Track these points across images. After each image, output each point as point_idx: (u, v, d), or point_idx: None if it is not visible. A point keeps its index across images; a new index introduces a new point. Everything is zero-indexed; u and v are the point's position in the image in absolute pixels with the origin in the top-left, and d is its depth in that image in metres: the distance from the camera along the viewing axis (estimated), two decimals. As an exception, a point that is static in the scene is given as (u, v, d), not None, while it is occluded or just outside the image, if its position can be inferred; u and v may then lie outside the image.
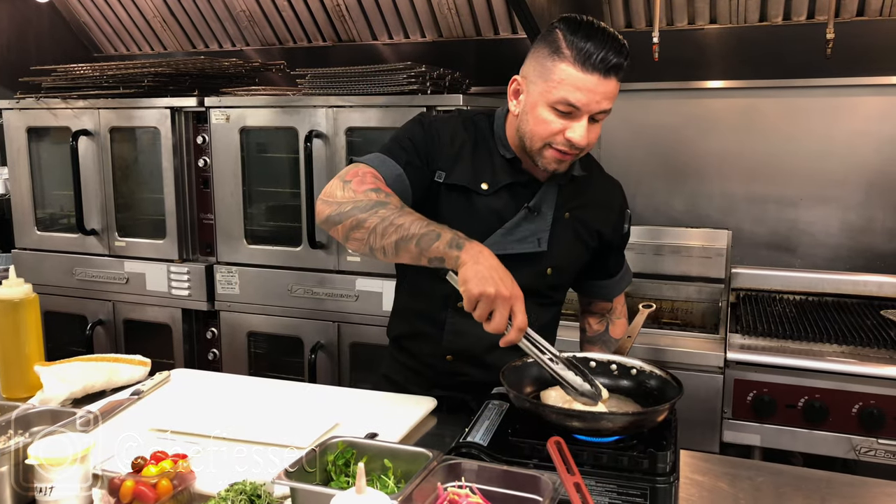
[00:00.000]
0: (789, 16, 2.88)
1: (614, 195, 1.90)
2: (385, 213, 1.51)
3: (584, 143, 1.58)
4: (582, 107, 1.55)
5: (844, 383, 2.26)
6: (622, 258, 1.99)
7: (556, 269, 1.79)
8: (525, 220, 1.71)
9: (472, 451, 1.31)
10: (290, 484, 1.18)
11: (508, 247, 1.69)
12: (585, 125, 1.57)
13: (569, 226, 1.78)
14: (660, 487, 1.22)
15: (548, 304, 1.85)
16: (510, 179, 1.73)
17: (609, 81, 1.55)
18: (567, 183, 1.77)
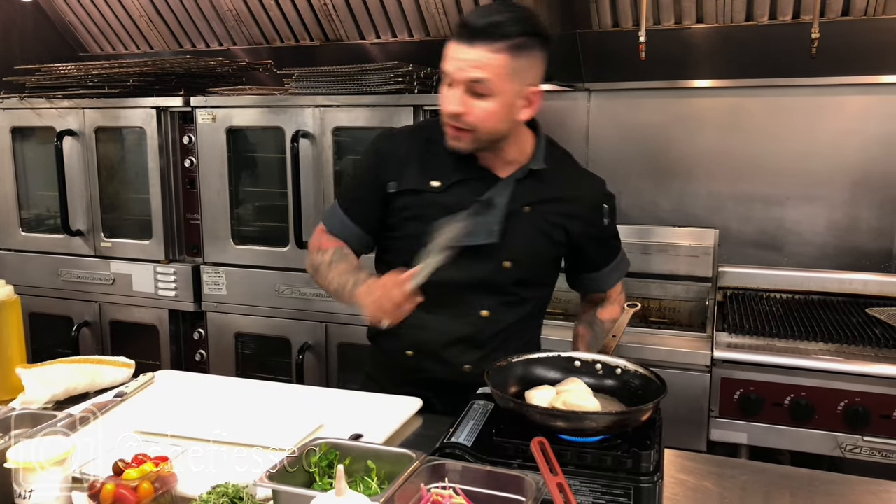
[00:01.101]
0: (775, 15, 2.89)
1: (586, 190, 1.85)
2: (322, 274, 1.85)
3: (454, 111, 1.62)
4: (451, 73, 1.61)
5: (830, 381, 2.27)
6: (612, 251, 1.97)
7: (515, 263, 1.77)
8: (477, 213, 1.71)
9: (457, 452, 1.31)
10: (271, 486, 1.18)
11: (462, 240, 1.68)
12: (456, 94, 1.61)
13: (528, 220, 1.77)
14: (643, 487, 1.21)
15: (514, 303, 1.82)
16: (463, 175, 1.76)
17: (473, 48, 1.57)
18: (525, 177, 1.77)
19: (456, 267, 1.68)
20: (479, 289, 1.78)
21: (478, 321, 1.79)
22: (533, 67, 1.65)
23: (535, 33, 1.63)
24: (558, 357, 1.53)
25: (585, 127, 3.35)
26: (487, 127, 1.65)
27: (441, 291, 1.73)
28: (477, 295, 1.78)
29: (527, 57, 1.62)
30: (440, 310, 1.78)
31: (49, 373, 1.77)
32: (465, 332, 1.79)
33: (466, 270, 1.73)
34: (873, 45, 2.84)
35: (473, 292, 1.78)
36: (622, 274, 2.00)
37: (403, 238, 1.81)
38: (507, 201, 1.74)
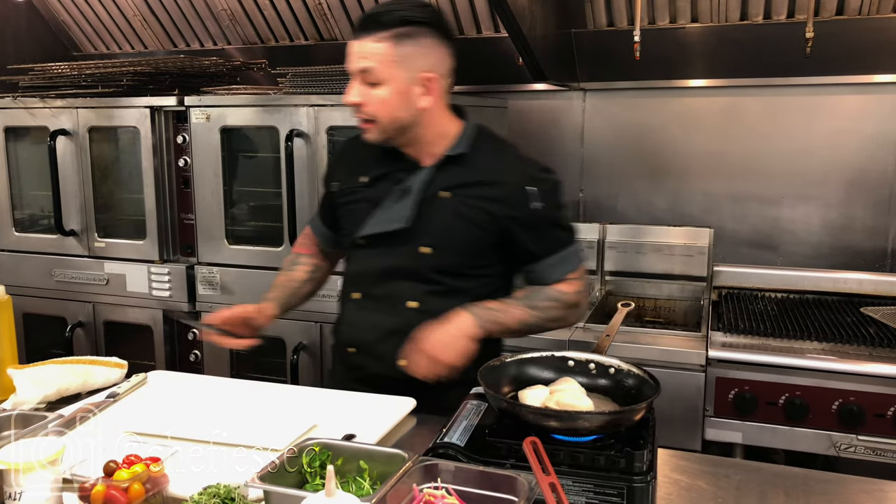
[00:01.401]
0: (770, 15, 2.89)
1: (511, 173, 1.81)
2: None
3: (352, 102, 1.73)
4: (347, 67, 1.73)
5: (825, 380, 2.27)
6: (552, 240, 1.83)
7: (434, 248, 1.78)
8: (395, 202, 1.80)
9: (449, 452, 1.30)
10: (263, 487, 1.17)
11: (377, 227, 1.81)
12: (354, 86, 1.72)
13: (447, 205, 1.78)
14: (637, 487, 1.21)
15: (443, 294, 1.80)
16: (389, 168, 1.84)
17: (360, 41, 1.70)
18: (445, 163, 1.80)
19: (376, 256, 1.83)
20: (400, 277, 1.82)
21: (406, 313, 1.79)
22: (422, 55, 1.72)
23: (421, 22, 1.71)
24: (552, 357, 1.52)
25: (580, 126, 3.35)
26: (386, 115, 1.73)
27: (368, 283, 1.86)
28: (401, 285, 1.82)
29: (412, 44, 1.70)
30: (371, 304, 1.84)
31: (40, 373, 1.76)
32: (396, 325, 1.79)
33: (389, 258, 1.82)
34: (868, 45, 2.84)
35: (398, 281, 1.82)
36: (572, 268, 1.84)
37: (343, 233, 1.96)
38: (421, 187, 1.79)
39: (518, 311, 1.76)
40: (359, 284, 1.89)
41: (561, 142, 3.39)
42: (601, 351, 1.54)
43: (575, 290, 1.83)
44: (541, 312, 1.78)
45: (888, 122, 2.93)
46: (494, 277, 1.87)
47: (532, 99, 3.41)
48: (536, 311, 1.78)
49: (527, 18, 2.62)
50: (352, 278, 1.93)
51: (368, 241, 1.84)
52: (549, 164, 1.90)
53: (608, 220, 3.23)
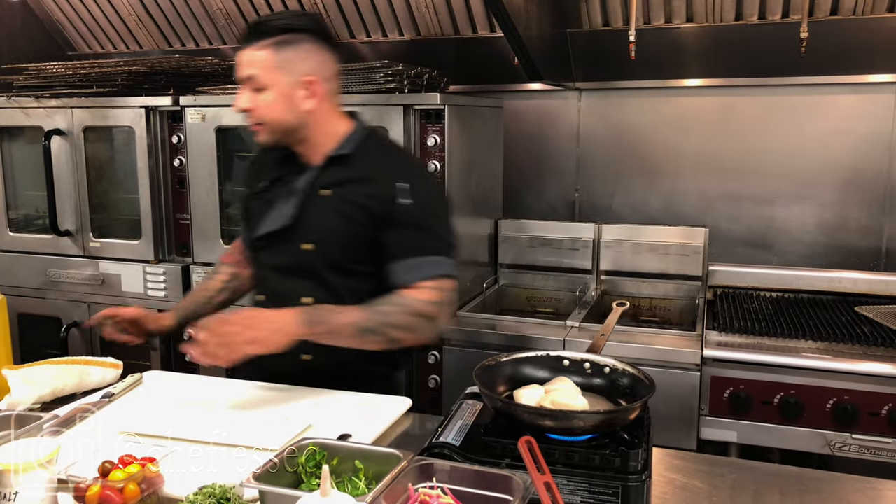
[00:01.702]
0: (764, 15, 2.90)
1: (385, 170, 1.85)
2: None
3: (242, 107, 1.81)
4: (237, 77, 1.82)
5: (819, 379, 2.27)
6: (412, 243, 1.81)
7: (317, 245, 1.85)
8: (283, 202, 1.89)
9: (445, 452, 1.30)
10: (258, 487, 1.17)
11: (266, 227, 1.90)
12: (244, 93, 1.81)
13: (326, 202, 1.85)
14: (631, 486, 1.21)
15: (333, 290, 1.83)
16: (282, 171, 1.93)
17: (245, 51, 1.80)
18: (330, 163, 1.87)
19: (273, 255, 1.92)
20: (289, 274, 1.89)
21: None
22: (303, 60, 1.80)
23: (300, 29, 1.80)
24: (547, 356, 1.53)
25: (576, 126, 3.36)
26: (273, 118, 1.81)
27: (268, 283, 1.96)
28: (294, 283, 1.88)
29: (292, 51, 1.79)
30: (272, 304, 1.87)
31: (35, 374, 1.76)
32: None
33: (279, 256, 1.91)
34: (862, 45, 2.85)
35: (288, 279, 1.90)
36: (429, 275, 1.78)
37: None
38: (305, 187, 1.87)
39: (355, 315, 1.73)
40: (262, 286, 2.00)
41: (556, 141, 3.39)
42: (596, 350, 1.55)
43: (428, 298, 1.77)
44: (381, 317, 1.73)
45: (882, 121, 2.94)
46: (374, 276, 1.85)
47: (527, 99, 3.41)
48: (377, 316, 1.73)
49: (522, 18, 2.63)
50: (256, 280, 2.05)
51: (263, 241, 1.93)
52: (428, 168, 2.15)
53: (603, 219, 3.23)
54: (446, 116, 2.62)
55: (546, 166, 3.42)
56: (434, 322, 1.80)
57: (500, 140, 3.26)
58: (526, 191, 3.45)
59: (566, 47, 3.17)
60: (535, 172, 3.44)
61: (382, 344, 1.76)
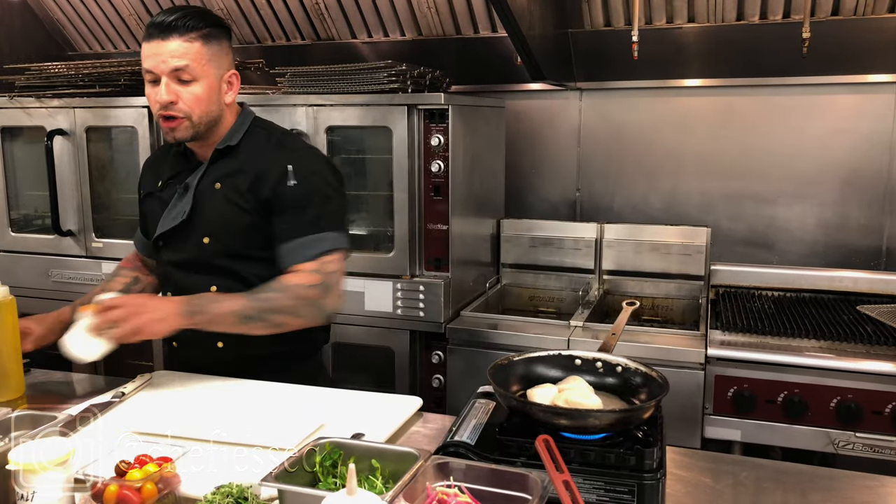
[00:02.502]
0: (766, 15, 2.92)
1: (270, 155, 1.89)
2: None
3: (167, 101, 1.78)
4: (153, 69, 1.78)
5: (823, 378, 2.29)
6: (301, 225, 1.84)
7: (213, 237, 1.88)
8: (179, 199, 1.91)
9: (460, 451, 1.31)
10: (277, 486, 1.17)
11: (165, 225, 1.92)
12: (165, 86, 1.77)
13: (219, 194, 1.88)
14: (647, 484, 1.22)
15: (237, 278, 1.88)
16: (177, 170, 1.96)
17: (169, 41, 1.76)
18: (216, 157, 1.90)
19: (174, 252, 1.94)
20: (194, 268, 1.92)
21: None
22: (225, 54, 1.88)
23: (218, 25, 1.86)
24: (559, 356, 1.53)
25: (577, 126, 3.37)
26: (200, 111, 1.82)
27: (173, 280, 1.97)
28: (197, 276, 1.91)
29: (217, 45, 1.84)
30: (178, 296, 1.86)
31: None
32: None
33: (180, 252, 1.93)
34: (863, 45, 2.87)
35: (195, 273, 1.92)
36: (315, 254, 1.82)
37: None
38: (196, 182, 1.90)
39: (236, 303, 1.76)
40: (166, 283, 2.03)
41: (557, 141, 3.40)
42: (608, 349, 1.55)
43: (308, 282, 1.80)
44: (262, 303, 1.76)
45: (882, 121, 2.96)
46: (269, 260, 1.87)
47: (528, 99, 3.42)
48: (258, 303, 1.76)
49: (525, 18, 2.64)
50: (161, 279, 2.08)
51: (161, 241, 1.96)
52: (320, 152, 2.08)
53: (604, 219, 3.25)
54: (450, 116, 2.63)
55: (547, 166, 3.43)
56: (318, 304, 1.82)
57: (501, 140, 3.27)
58: (527, 190, 3.46)
59: (568, 47, 3.18)
60: (536, 172, 3.45)
61: (268, 329, 1.79)
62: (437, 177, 2.67)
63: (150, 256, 2.13)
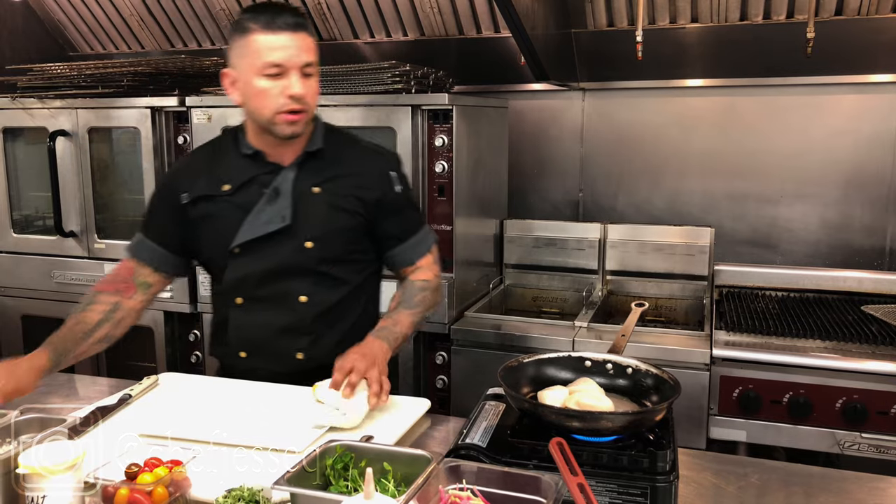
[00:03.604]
0: (769, 15, 2.91)
1: (372, 164, 1.95)
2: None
3: (302, 94, 1.75)
4: (284, 62, 1.73)
5: (828, 378, 2.29)
6: (412, 223, 1.99)
7: (317, 241, 1.85)
8: (268, 203, 1.84)
9: (472, 453, 1.31)
10: (289, 489, 1.17)
11: (257, 230, 1.83)
12: (297, 79, 1.75)
13: (320, 199, 1.86)
14: (660, 486, 1.22)
15: (329, 285, 1.88)
16: (252, 174, 1.87)
17: (299, 35, 1.75)
18: (304, 160, 1.87)
19: (262, 258, 1.85)
20: (289, 274, 1.86)
21: (298, 307, 1.87)
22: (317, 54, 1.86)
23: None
24: (569, 357, 1.53)
25: (580, 126, 3.36)
26: (314, 105, 1.83)
27: (250, 287, 1.88)
28: (289, 282, 1.87)
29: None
30: (259, 305, 1.88)
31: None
32: (288, 321, 1.87)
33: (272, 258, 1.85)
34: (867, 45, 2.87)
35: (285, 279, 1.87)
36: (428, 246, 2.02)
37: (205, 243, 1.92)
38: (291, 186, 1.85)
39: (405, 317, 1.88)
40: (240, 290, 1.90)
41: (560, 141, 3.40)
42: (618, 351, 1.55)
43: (435, 273, 2.01)
44: (419, 307, 1.92)
45: (886, 121, 2.96)
46: (368, 263, 1.98)
47: (531, 99, 3.41)
48: (417, 308, 1.92)
49: (529, 18, 2.63)
50: (231, 285, 1.90)
51: (244, 247, 1.85)
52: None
53: (607, 219, 3.24)
54: (454, 117, 2.63)
55: (550, 166, 3.43)
56: (440, 289, 2.04)
57: (504, 140, 3.27)
58: (530, 191, 3.45)
59: (571, 47, 3.18)
60: (539, 172, 3.44)
61: (418, 327, 1.95)
62: (441, 177, 2.67)
63: (162, 267, 1.94)
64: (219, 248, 1.88)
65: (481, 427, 1.39)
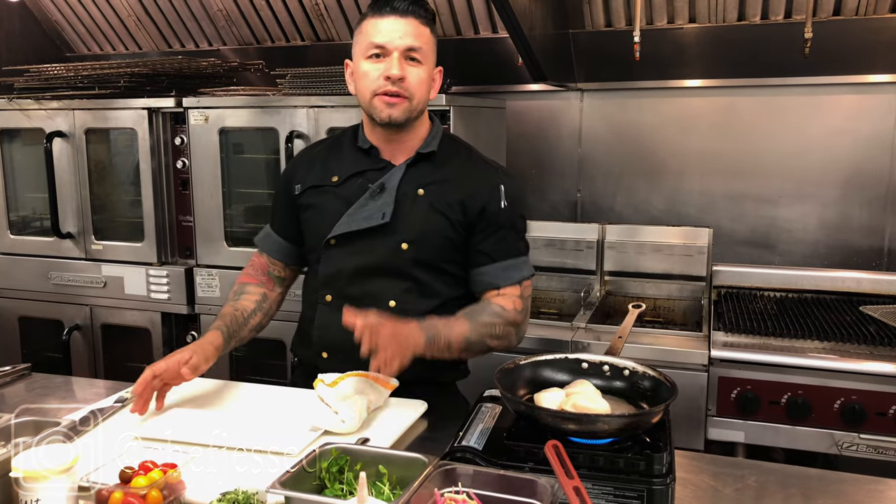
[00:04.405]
0: (767, 15, 2.91)
1: (483, 174, 1.88)
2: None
3: (400, 75, 1.72)
4: (386, 44, 1.73)
5: (826, 379, 2.28)
6: (510, 246, 1.86)
7: (413, 244, 1.80)
8: (371, 199, 1.81)
9: (467, 456, 1.30)
10: (284, 493, 1.17)
11: (354, 224, 1.81)
12: (398, 60, 1.73)
13: (423, 201, 1.82)
14: (657, 489, 1.21)
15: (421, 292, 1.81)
16: (363, 167, 1.86)
17: (407, 20, 1.74)
18: (416, 161, 1.85)
19: (356, 254, 1.82)
20: (381, 275, 1.81)
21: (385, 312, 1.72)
22: (436, 50, 1.84)
23: (434, 18, 1.82)
24: (566, 359, 1.53)
25: (578, 126, 3.36)
26: (420, 94, 1.78)
27: (341, 284, 1.84)
28: (380, 283, 1.81)
29: (435, 36, 1.82)
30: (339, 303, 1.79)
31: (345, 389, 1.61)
32: None
33: (366, 255, 1.81)
34: (865, 45, 2.87)
35: (376, 280, 1.82)
36: (521, 277, 1.86)
37: (308, 231, 1.93)
38: (397, 184, 1.82)
39: (461, 327, 1.72)
40: (330, 286, 1.87)
41: (558, 142, 3.39)
42: (615, 353, 1.55)
43: (517, 307, 1.84)
44: (483, 328, 1.76)
45: (884, 121, 2.96)
46: (461, 277, 1.88)
47: (529, 99, 3.41)
48: (480, 328, 1.75)
49: (527, 18, 2.63)
50: (322, 280, 1.88)
51: (340, 240, 1.83)
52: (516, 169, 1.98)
53: (606, 219, 3.24)
54: (451, 117, 2.62)
55: (548, 167, 3.43)
56: (519, 329, 1.86)
57: (502, 141, 3.26)
58: (528, 191, 3.45)
59: (568, 48, 3.17)
60: (537, 173, 3.44)
61: (477, 353, 1.80)
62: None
63: (288, 260, 2.00)
64: (317, 239, 1.87)
65: (477, 429, 1.39)
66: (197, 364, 1.69)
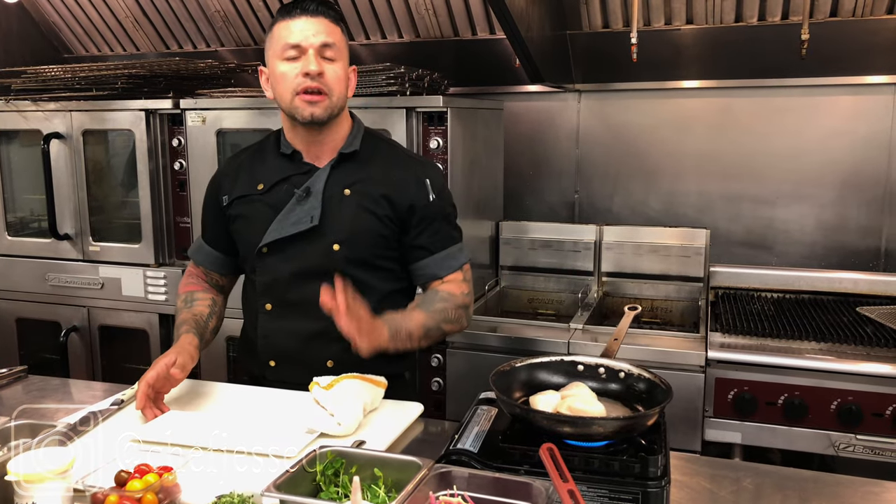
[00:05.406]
0: (764, 16, 2.91)
1: (407, 169, 1.91)
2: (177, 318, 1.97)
3: (318, 71, 1.74)
4: (301, 42, 1.75)
5: (823, 380, 2.28)
6: (445, 237, 1.92)
7: (343, 244, 1.83)
8: (298, 203, 1.83)
9: (463, 459, 1.30)
10: (279, 496, 1.17)
11: (284, 230, 1.82)
12: (314, 57, 1.75)
13: (350, 201, 1.84)
14: (652, 492, 1.21)
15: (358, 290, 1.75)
16: (288, 173, 1.87)
17: (318, 19, 1.77)
18: (339, 161, 1.87)
19: (290, 259, 1.84)
20: (317, 278, 1.76)
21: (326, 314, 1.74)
22: (348, 47, 1.87)
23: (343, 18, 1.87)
24: (561, 361, 1.53)
25: (575, 128, 3.36)
26: (338, 91, 1.80)
27: (279, 291, 1.87)
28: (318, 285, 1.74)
29: (346, 36, 1.85)
30: (286, 311, 1.86)
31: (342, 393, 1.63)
32: (317, 328, 1.80)
33: (300, 260, 1.84)
34: (861, 46, 2.87)
35: (313, 283, 1.75)
36: (459, 264, 1.93)
37: (239, 241, 1.95)
38: (323, 187, 1.84)
39: (417, 316, 1.78)
40: (269, 294, 1.89)
41: (556, 143, 3.39)
42: (610, 355, 1.55)
43: (462, 291, 1.91)
44: (437, 314, 1.83)
45: (881, 122, 2.96)
46: (397, 273, 1.93)
47: (527, 100, 3.41)
48: (433, 314, 1.82)
49: (524, 20, 2.63)
50: (261, 289, 1.90)
51: (272, 248, 1.85)
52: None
53: (603, 220, 3.24)
54: (449, 119, 2.62)
55: (545, 168, 3.43)
56: (468, 312, 1.94)
57: (500, 142, 3.26)
58: (525, 192, 3.45)
59: (566, 49, 3.17)
60: (535, 174, 3.44)
61: (433, 340, 1.85)
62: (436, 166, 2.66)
63: (222, 270, 2.04)
64: (250, 248, 1.89)
65: (473, 432, 1.39)
66: (184, 363, 1.72)
